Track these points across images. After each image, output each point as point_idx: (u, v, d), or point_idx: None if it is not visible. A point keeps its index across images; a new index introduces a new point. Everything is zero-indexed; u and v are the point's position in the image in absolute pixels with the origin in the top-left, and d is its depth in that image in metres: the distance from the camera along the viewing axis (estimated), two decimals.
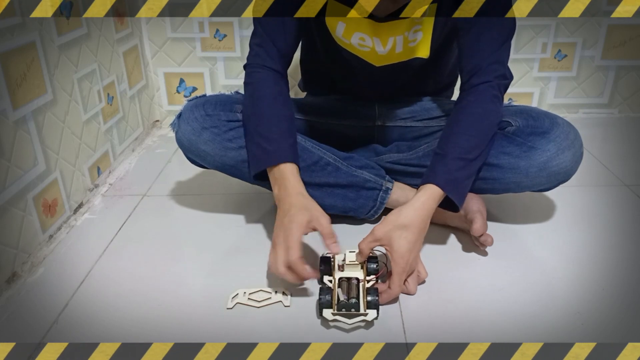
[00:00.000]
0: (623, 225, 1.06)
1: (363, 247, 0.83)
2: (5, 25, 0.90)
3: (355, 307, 0.77)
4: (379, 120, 1.11)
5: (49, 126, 1.03)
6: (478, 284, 0.88)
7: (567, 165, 0.94)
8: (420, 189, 0.86)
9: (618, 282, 0.88)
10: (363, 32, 0.96)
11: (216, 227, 1.08)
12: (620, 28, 1.56)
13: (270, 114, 0.93)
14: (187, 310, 0.83)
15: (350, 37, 0.97)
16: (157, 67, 1.60)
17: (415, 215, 0.82)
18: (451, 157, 0.86)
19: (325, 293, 0.79)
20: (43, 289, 0.89)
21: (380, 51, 0.98)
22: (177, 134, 1.01)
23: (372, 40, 0.96)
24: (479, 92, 0.89)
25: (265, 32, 0.94)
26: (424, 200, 0.84)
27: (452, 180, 0.85)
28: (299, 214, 0.83)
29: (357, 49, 0.99)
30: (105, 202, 1.19)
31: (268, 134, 0.91)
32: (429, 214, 0.84)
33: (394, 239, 0.81)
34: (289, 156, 0.90)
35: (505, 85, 0.92)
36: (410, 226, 0.81)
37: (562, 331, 0.77)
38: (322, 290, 0.79)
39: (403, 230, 0.81)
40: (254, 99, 0.94)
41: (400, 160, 1.05)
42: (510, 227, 1.06)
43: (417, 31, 0.95)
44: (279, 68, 0.95)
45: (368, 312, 0.77)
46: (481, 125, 0.89)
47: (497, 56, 0.89)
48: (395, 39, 0.96)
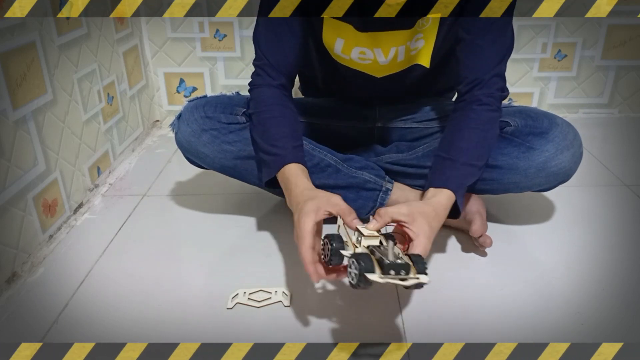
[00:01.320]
0: (623, 225, 1.06)
1: (384, 213, 0.75)
2: (5, 25, 0.90)
3: (406, 268, 0.64)
4: (379, 121, 1.11)
5: (49, 126, 1.03)
6: (478, 284, 0.89)
7: (566, 165, 0.94)
8: (428, 192, 0.84)
9: (618, 282, 0.88)
10: (363, 46, 0.95)
11: (216, 227, 1.08)
12: (620, 28, 1.56)
13: (271, 120, 0.92)
14: (187, 310, 0.83)
15: (350, 52, 0.97)
16: (157, 67, 1.60)
17: (440, 210, 0.80)
18: (461, 163, 0.86)
19: (363, 257, 0.65)
20: (43, 289, 0.89)
21: (382, 61, 0.97)
22: (176, 135, 1.01)
23: (372, 52, 0.96)
24: (484, 103, 0.90)
25: (264, 53, 0.93)
26: (439, 200, 0.82)
27: (462, 185, 0.85)
28: (307, 206, 0.77)
29: (357, 64, 0.99)
30: (105, 202, 1.19)
31: (271, 141, 0.90)
32: (442, 217, 0.81)
33: (417, 220, 0.74)
34: (292, 157, 0.87)
35: (503, 98, 0.93)
36: (438, 215, 0.78)
37: (562, 331, 0.77)
38: (359, 255, 0.65)
39: (431, 218, 0.76)
40: (256, 111, 0.94)
41: (399, 161, 1.05)
42: (510, 228, 1.06)
43: (419, 39, 0.95)
44: (280, 83, 0.94)
45: (419, 276, 0.65)
46: (487, 135, 0.89)
47: (498, 70, 0.90)
48: (398, 49, 0.95)
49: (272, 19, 0.91)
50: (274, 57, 0.92)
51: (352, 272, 0.66)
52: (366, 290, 0.86)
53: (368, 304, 0.84)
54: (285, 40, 0.92)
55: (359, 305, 0.83)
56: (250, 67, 1.59)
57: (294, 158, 0.87)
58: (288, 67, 0.94)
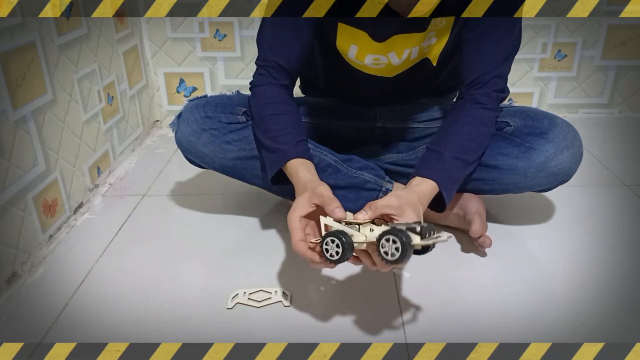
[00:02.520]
0: (623, 225, 1.06)
1: (374, 207, 0.73)
2: (5, 25, 0.90)
3: (433, 229, 0.65)
4: (379, 121, 1.11)
5: (49, 126, 1.03)
6: (478, 284, 0.89)
7: (566, 165, 0.94)
8: (414, 181, 0.84)
9: (618, 282, 0.88)
10: (377, 54, 0.96)
11: (216, 227, 1.08)
12: (620, 28, 1.56)
13: (273, 117, 0.91)
14: (187, 310, 0.83)
15: (363, 59, 0.97)
16: (157, 67, 1.60)
17: (418, 200, 0.79)
18: (448, 156, 0.86)
19: (398, 232, 0.62)
20: (43, 289, 0.89)
21: (395, 63, 0.97)
22: (176, 134, 1.01)
23: (387, 57, 0.96)
24: (479, 102, 0.90)
25: (270, 55, 0.92)
26: (422, 189, 0.81)
27: (448, 178, 0.85)
28: (298, 198, 0.77)
29: (371, 68, 0.99)
30: (105, 202, 1.19)
31: (274, 138, 0.89)
32: (424, 206, 0.81)
33: (405, 212, 0.74)
34: (296, 151, 0.86)
35: (501, 99, 0.93)
36: (415, 204, 0.77)
37: (562, 331, 0.77)
38: (393, 231, 0.63)
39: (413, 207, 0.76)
40: (257, 109, 0.94)
41: (399, 161, 1.05)
42: (510, 228, 1.06)
43: (432, 37, 0.95)
44: (284, 82, 0.94)
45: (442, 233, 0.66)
46: (478, 131, 0.90)
47: (499, 70, 0.90)
48: (411, 50, 0.95)
49: (281, 20, 0.91)
50: (279, 58, 0.92)
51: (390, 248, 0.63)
52: (366, 290, 0.87)
53: (368, 304, 0.84)
54: (292, 43, 0.91)
55: (359, 305, 0.83)
56: (250, 67, 1.59)
57: (296, 153, 0.86)
58: (292, 69, 0.94)
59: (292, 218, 0.74)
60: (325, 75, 1.09)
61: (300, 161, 0.85)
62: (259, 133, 0.92)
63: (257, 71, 0.95)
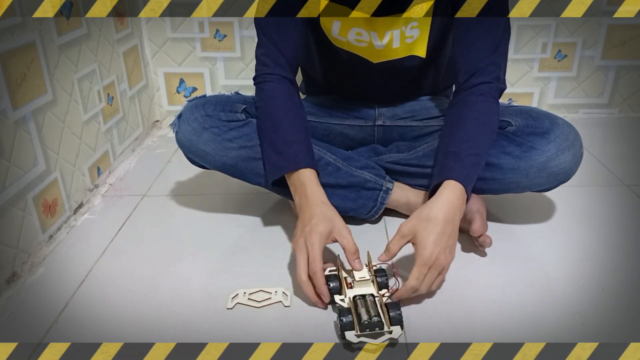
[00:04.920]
0: (623, 225, 1.06)
1: (392, 246, 0.82)
2: (5, 25, 0.90)
3: (380, 326, 0.74)
4: (379, 119, 1.11)
5: (49, 126, 1.03)
6: (478, 284, 0.88)
7: (567, 165, 0.94)
8: (437, 186, 0.86)
9: (618, 282, 0.88)
10: (359, 27, 0.96)
11: (216, 227, 1.08)
12: (620, 28, 1.56)
13: (285, 120, 0.93)
14: (187, 310, 0.83)
15: (346, 34, 0.97)
16: (157, 67, 1.60)
17: (439, 208, 0.82)
18: (466, 154, 0.87)
19: (345, 314, 0.74)
20: (43, 289, 0.89)
21: (377, 45, 0.98)
22: (177, 134, 1.01)
23: (369, 35, 0.97)
24: (483, 92, 0.91)
25: (269, 40, 0.95)
26: (446, 194, 0.83)
27: (467, 175, 0.86)
28: (321, 225, 0.82)
29: (354, 46, 0.99)
30: (105, 202, 1.19)
31: (285, 140, 0.90)
32: (455, 208, 0.83)
33: (418, 232, 0.80)
34: (307, 161, 0.89)
35: (500, 90, 0.94)
36: (434, 218, 0.81)
37: (562, 331, 0.77)
38: (342, 311, 0.75)
39: (427, 223, 0.80)
40: (267, 107, 0.94)
41: (400, 160, 1.05)
42: (510, 227, 1.06)
43: (414, 28, 0.96)
44: (287, 74, 0.95)
45: (392, 328, 0.74)
46: (489, 123, 0.91)
47: (493, 59, 0.91)
48: (392, 33, 0.96)
49: (275, 5, 0.92)
50: (279, 43, 0.94)
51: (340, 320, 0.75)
52: None
53: None
54: (289, 27, 0.94)
55: None
56: (250, 68, 1.59)
57: (309, 162, 0.88)
58: (292, 53, 0.95)
59: (316, 246, 0.81)
60: (320, 64, 1.09)
61: (312, 173, 0.88)
62: (268, 131, 0.93)
63: (260, 62, 0.96)
